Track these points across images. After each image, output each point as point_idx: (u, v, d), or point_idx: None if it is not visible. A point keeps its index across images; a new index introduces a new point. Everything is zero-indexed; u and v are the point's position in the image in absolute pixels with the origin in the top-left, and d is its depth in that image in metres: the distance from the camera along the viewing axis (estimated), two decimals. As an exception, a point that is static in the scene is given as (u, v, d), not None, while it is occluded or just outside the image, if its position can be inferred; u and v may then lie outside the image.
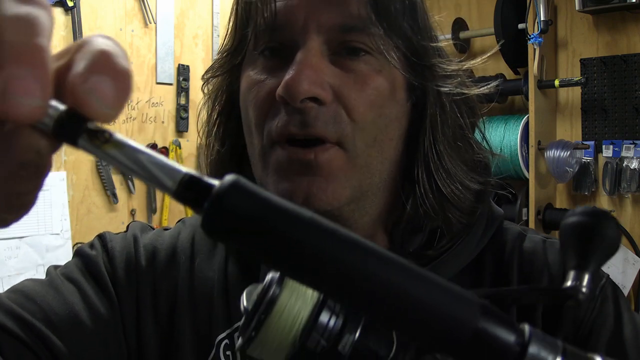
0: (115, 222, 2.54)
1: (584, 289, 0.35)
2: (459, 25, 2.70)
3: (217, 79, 0.66)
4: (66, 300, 0.61)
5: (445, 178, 0.60)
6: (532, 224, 2.42)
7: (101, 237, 0.68)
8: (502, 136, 2.48)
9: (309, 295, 0.33)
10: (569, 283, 0.36)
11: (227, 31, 0.64)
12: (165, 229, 0.71)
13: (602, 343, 0.61)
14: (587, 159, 2.46)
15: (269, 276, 0.35)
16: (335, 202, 0.56)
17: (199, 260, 0.66)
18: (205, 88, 0.67)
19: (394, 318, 0.27)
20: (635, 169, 2.35)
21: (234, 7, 0.63)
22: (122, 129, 2.56)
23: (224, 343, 0.62)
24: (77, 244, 2.39)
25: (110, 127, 0.30)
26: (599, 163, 2.48)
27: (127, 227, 0.71)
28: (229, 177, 0.27)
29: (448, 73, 0.61)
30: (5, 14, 0.27)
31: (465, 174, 0.61)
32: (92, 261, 0.65)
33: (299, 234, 0.26)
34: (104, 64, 0.29)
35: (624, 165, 2.37)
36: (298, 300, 0.33)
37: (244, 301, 0.36)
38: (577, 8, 2.36)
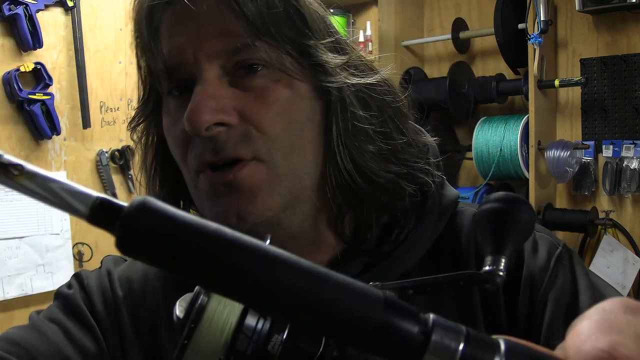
0: (115, 222, 2.54)
1: (500, 273, 0.38)
2: (459, 25, 2.70)
3: (142, 126, 0.68)
4: (50, 340, 0.62)
5: (351, 170, 0.60)
6: (532, 224, 2.42)
7: (77, 276, 0.71)
8: (502, 136, 2.48)
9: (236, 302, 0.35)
10: (486, 268, 0.38)
11: (138, 84, 0.67)
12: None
13: (560, 315, 0.61)
14: (587, 159, 2.46)
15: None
16: (268, 212, 0.58)
17: (171, 284, 0.68)
18: (134, 136, 0.69)
19: (300, 318, 0.28)
20: (635, 169, 2.35)
21: (138, 63, 0.66)
22: (122, 129, 2.56)
23: None
24: (77, 243, 2.39)
25: (111, 127, 0.30)
26: (599, 163, 2.47)
27: (101, 262, 0.74)
28: (138, 198, 0.29)
29: (340, 66, 0.61)
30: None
31: (374, 164, 0.61)
32: (71, 300, 0.67)
33: (205, 244, 0.28)
34: None
35: (624, 165, 2.37)
36: (226, 307, 0.35)
37: (176, 311, 0.37)
38: (577, 8, 2.36)
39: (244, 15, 0.57)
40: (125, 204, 0.29)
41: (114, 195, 2.50)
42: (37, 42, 2.24)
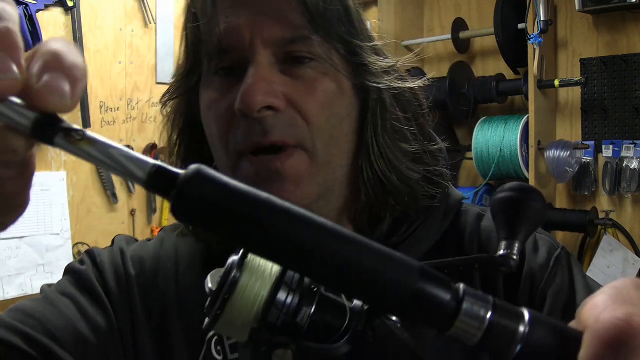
0: (115, 222, 2.54)
1: (514, 257, 0.40)
2: (459, 25, 2.70)
3: (174, 102, 0.69)
4: (63, 313, 0.63)
5: (385, 168, 0.64)
6: (532, 224, 2.42)
7: (89, 253, 0.72)
8: (502, 136, 2.48)
9: (267, 276, 0.37)
10: (501, 252, 0.40)
11: (180, 55, 0.68)
12: (149, 240, 0.75)
13: (558, 310, 0.64)
14: (587, 159, 2.46)
15: (231, 260, 0.38)
16: (305, 201, 0.61)
17: (182, 266, 0.70)
18: (164, 111, 0.71)
19: (343, 282, 0.30)
20: (635, 169, 2.35)
21: (184, 33, 0.67)
22: (122, 129, 2.56)
23: (214, 339, 0.66)
24: (77, 244, 2.39)
25: (111, 127, 0.30)
26: (599, 163, 2.47)
27: (113, 241, 0.75)
28: (193, 166, 0.31)
29: (384, 70, 0.65)
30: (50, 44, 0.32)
31: (405, 164, 0.65)
32: (84, 276, 0.68)
33: (256, 212, 0.29)
34: (54, 62, 0.32)
35: (624, 165, 2.37)
36: (258, 281, 0.36)
37: (208, 283, 0.39)
38: (577, 8, 2.36)
39: (305, 6, 0.60)
40: (181, 171, 0.30)
41: (114, 195, 2.50)
42: (37, 42, 2.24)
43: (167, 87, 0.71)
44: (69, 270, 0.70)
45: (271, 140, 0.60)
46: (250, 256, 0.37)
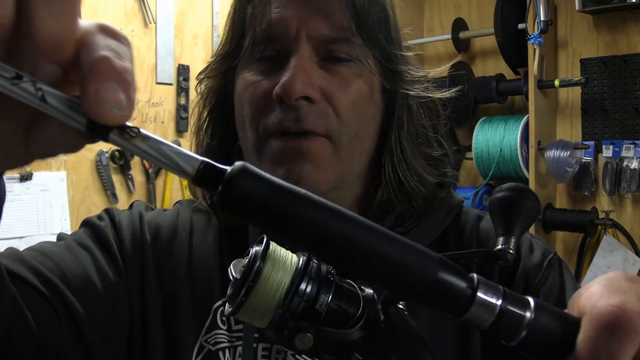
0: (115, 222, 2.54)
1: (511, 251, 0.43)
2: (459, 25, 2.70)
3: (210, 80, 0.73)
4: (80, 261, 0.66)
5: (406, 170, 0.68)
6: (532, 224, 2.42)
7: (108, 211, 0.75)
8: (502, 136, 2.48)
9: (288, 266, 0.40)
10: (498, 246, 0.43)
11: (224, 37, 0.72)
12: (165, 210, 0.79)
13: None
14: (587, 159, 2.46)
15: (253, 250, 0.41)
16: (322, 186, 0.64)
17: (196, 238, 0.74)
18: (199, 88, 0.75)
19: (372, 271, 0.34)
20: (635, 169, 2.35)
21: (231, 16, 0.70)
22: (122, 129, 2.56)
23: (220, 310, 0.69)
24: (77, 244, 2.39)
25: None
26: (599, 163, 2.48)
27: (131, 205, 0.78)
28: (238, 163, 0.33)
29: (415, 79, 0.70)
30: (102, 43, 0.34)
31: (424, 167, 0.70)
32: (102, 231, 0.70)
33: (295, 206, 0.32)
34: (108, 71, 0.34)
35: (624, 165, 2.37)
36: (280, 271, 0.40)
37: (232, 272, 0.41)
38: (577, 8, 2.36)
39: (352, 10, 0.64)
40: (227, 167, 0.33)
41: (114, 195, 2.50)
42: (37, 42, 2.24)
43: (166, 87, 0.73)
44: (86, 223, 0.73)
45: (302, 127, 0.63)
46: (272, 247, 0.40)
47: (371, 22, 0.66)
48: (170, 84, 2.75)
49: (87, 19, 0.36)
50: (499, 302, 0.34)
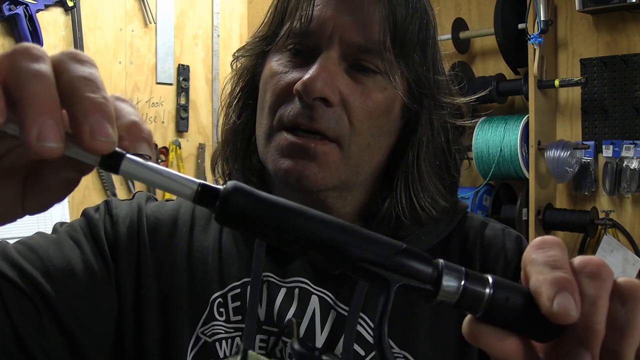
0: (115, 222, 2.54)
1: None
2: (459, 25, 2.70)
3: (245, 59, 0.75)
4: (65, 254, 0.67)
5: (419, 191, 0.69)
6: (532, 224, 2.42)
7: (107, 202, 0.76)
8: (502, 136, 2.48)
9: None
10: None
11: (264, 20, 0.73)
12: (167, 201, 0.80)
13: None
14: (587, 159, 2.46)
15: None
16: (322, 186, 0.65)
17: (196, 231, 0.75)
18: (234, 65, 0.77)
19: (343, 259, 0.38)
20: (635, 169, 2.35)
21: (275, 4, 0.71)
22: (122, 129, 2.56)
23: (217, 301, 0.70)
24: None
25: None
26: (599, 163, 2.47)
27: (133, 195, 0.79)
28: (230, 183, 0.37)
29: (442, 104, 0.71)
30: (76, 74, 0.36)
31: (437, 191, 0.71)
32: (94, 224, 0.71)
33: (283, 217, 0.37)
34: (139, 134, 0.38)
35: (624, 165, 2.37)
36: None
37: None
38: (577, 8, 2.36)
39: (391, 24, 0.65)
40: (220, 187, 0.37)
41: (114, 195, 2.50)
42: (37, 42, 2.24)
43: (166, 87, 0.74)
44: (83, 213, 0.74)
45: (314, 126, 0.64)
46: (251, 356, 0.47)
47: (407, 39, 0.66)
48: (170, 84, 2.75)
49: (87, 19, 0.36)
50: (462, 282, 0.38)
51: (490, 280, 0.39)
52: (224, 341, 0.68)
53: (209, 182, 0.41)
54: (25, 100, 0.34)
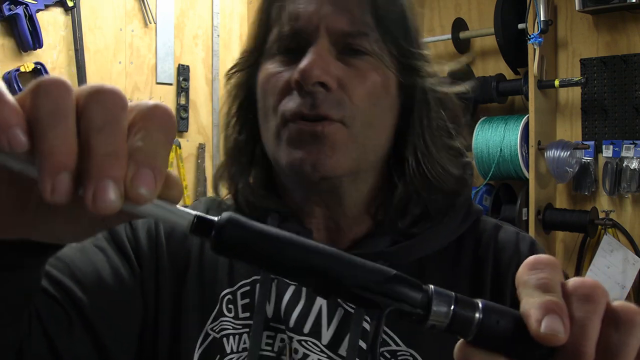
0: (115, 222, 2.54)
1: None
2: (459, 25, 2.70)
3: (237, 76, 0.77)
4: (91, 260, 0.68)
5: (429, 162, 0.71)
6: (532, 224, 2.42)
7: None
8: (502, 136, 2.48)
9: None
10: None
11: (249, 34, 0.76)
12: (185, 207, 0.79)
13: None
14: (587, 159, 2.46)
15: None
16: (338, 170, 0.67)
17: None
18: (227, 85, 0.78)
19: (335, 287, 0.39)
20: (635, 169, 2.35)
21: (258, 14, 0.74)
22: (122, 129, 2.56)
23: (227, 298, 0.72)
24: (77, 244, 2.39)
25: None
26: (599, 163, 2.48)
27: None
28: (225, 215, 0.38)
29: (430, 74, 0.73)
30: (92, 124, 0.36)
31: (447, 159, 0.72)
32: (115, 231, 0.72)
33: (275, 247, 0.39)
34: (144, 180, 0.37)
35: (624, 165, 2.38)
36: None
37: None
38: (577, 8, 2.36)
39: (372, 6, 0.68)
40: (215, 218, 0.39)
41: (114, 195, 2.51)
42: (37, 42, 2.24)
43: (167, 87, 0.75)
44: None
45: (318, 112, 0.66)
46: None
47: (389, 19, 0.69)
48: (170, 84, 2.75)
49: (87, 19, 0.36)
50: (452, 307, 0.39)
51: (480, 305, 0.39)
52: (231, 337, 0.70)
53: (209, 183, 0.42)
54: (43, 153, 0.34)
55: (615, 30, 2.45)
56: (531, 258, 0.40)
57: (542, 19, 2.33)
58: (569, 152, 2.35)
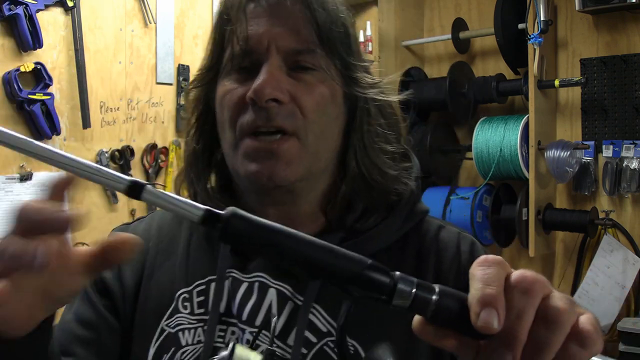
0: (115, 222, 2.53)
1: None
2: (459, 25, 2.70)
3: (195, 91, 0.83)
4: (85, 320, 0.79)
5: (368, 165, 0.78)
6: (532, 224, 2.42)
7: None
8: (502, 136, 2.48)
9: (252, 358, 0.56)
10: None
11: (206, 52, 0.81)
12: (141, 218, 0.91)
13: None
14: (587, 159, 2.46)
15: (223, 353, 0.57)
16: (291, 179, 0.74)
17: (164, 244, 0.84)
18: (187, 98, 0.85)
19: (321, 272, 0.48)
20: (635, 169, 2.35)
21: (213, 34, 0.80)
22: (122, 129, 2.56)
23: (182, 296, 0.78)
24: (77, 244, 2.39)
25: (111, 127, 0.30)
26: (599, 163, 2.48)
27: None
28: (230, 209, 0.47)
29: (370, 84, 0.80)
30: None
31: (383, 162, 0.78)
32: (90, 285, 0.80)
33: (271, 237, 0.48)
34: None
35: (624, 165, 2.38)
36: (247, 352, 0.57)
37: None
38: (577, 8, 2.36)
39: (316, 26, 0.75)
40: (222, 212, 0.47)
41: (114, 195, 2.50)
42: (37, 42, 2.24)
43: (166, 87, 0.78)
44: None
45: (273, 125, 0.72)
46: (237, 350, 0.56)
47: (332, 36, 0.76)
48: (170, 84, 2.75)
49: (87, 19, 0.36)
50: (413, 290, 0.46)
51: (437, 289, 0.47)
52: (186, 331, 0.76)
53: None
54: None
55: (615, 30, 2.45)
56: (482, 257, 0.47)
57: (542, 19, 2.33)
58: (569, 152, 2.35)
